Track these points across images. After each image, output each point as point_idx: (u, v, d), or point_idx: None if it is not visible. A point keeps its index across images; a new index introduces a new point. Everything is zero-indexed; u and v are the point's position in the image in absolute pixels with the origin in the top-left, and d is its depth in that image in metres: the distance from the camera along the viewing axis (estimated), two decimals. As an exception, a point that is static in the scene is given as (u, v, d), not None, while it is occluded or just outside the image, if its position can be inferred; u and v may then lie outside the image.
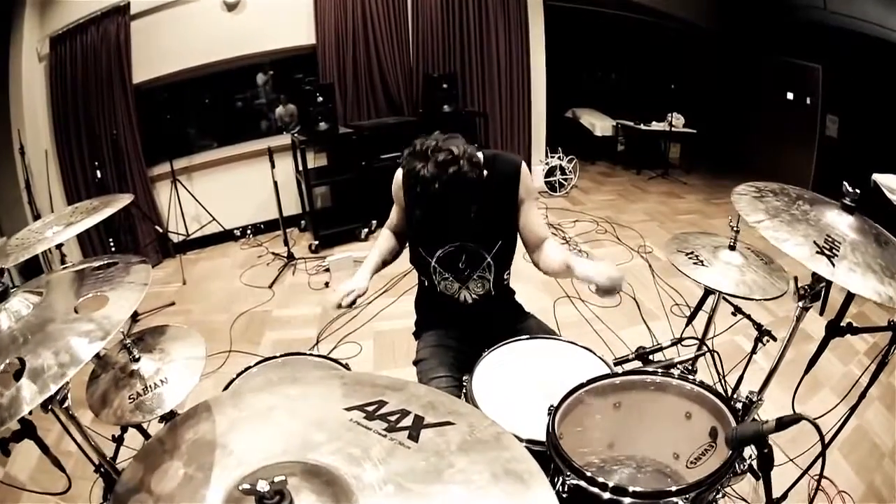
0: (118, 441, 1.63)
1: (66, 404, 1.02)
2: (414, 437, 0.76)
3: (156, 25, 4.24)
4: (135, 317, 3.52)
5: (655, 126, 6.46)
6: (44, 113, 4.03)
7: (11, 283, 0.98)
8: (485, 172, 1.37)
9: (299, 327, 3.35)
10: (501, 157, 1.57)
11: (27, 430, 1.16)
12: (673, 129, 6.30)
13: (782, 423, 0.87)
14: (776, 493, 1.66)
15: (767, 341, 1.78)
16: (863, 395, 1.51)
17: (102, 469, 1.34)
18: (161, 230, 4.43)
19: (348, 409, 0.81)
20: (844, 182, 1.24)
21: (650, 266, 3.91)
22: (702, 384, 1.06)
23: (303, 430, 0.79)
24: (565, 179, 5.84)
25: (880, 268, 1.08)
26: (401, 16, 4.92)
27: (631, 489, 0.89)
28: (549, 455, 0.98)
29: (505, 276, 1.69)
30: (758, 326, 1.83)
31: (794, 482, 1.64)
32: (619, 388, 1.13)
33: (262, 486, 0.59)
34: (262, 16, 4.53)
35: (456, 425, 0.78)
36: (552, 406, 1.06)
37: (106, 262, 1.08)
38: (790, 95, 5.95)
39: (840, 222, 1.19)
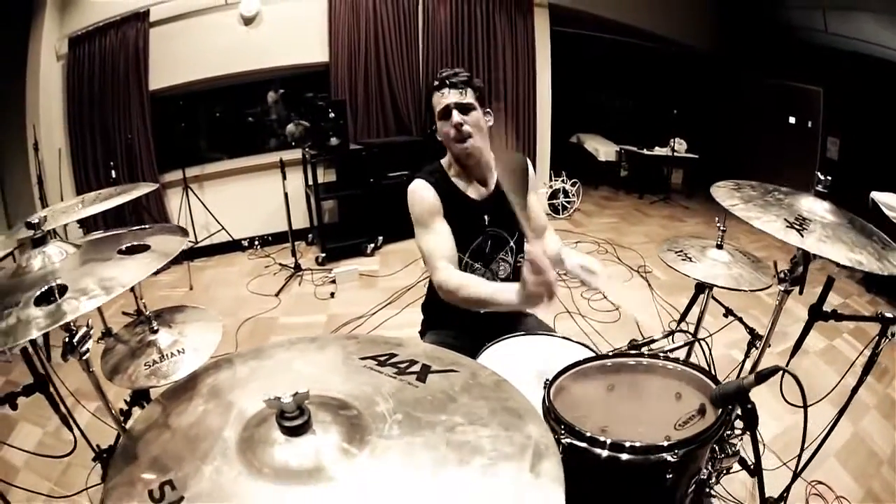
0: (126, 416, 1.65)
1: (86, 356, 1.03)
2: (421, 379, 0.83)
3: (174, 34, 4.34)
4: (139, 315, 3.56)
5: (658, 151, 6.57)
6: (59, 111, 4.09)
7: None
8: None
9: (305, 334, 3.38)
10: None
11: (40, 384, 1.18)
12: (675, 154, 6.41)
13: (761, 376, 0.91)
14: (773, 495, 1.70)
15: (760, 345, 1.80)
16: (854, 391, 1.54)
17: (104, 454, 1.34)
18: (171, 236, 4.50)
19: (362, 359, 0.90)
20: (817, 172, 1.34)
21: (650, 285, 3.95)
22: (687, 363, 1.11)
23: (320, 375, 0.86)
24: (568, 202, 5.94)
25: (850, 241, 1.17)
26: (412, 36, 5.07)
27: (629, 444, 0.93)
28: (547, 419, 1.03)
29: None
30: (750, 330, 1.89)
31: (788, 484, 1.68)
32: (610, 370, 1.18)
33: (286, 399, 0.65)
34: (277, 31, 4.63)
35: (459, 372, 0.86)
36: (547, 380, 1.11)
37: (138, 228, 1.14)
38: (792, 119, 5.94)
39: (816, 207, 1.30)
